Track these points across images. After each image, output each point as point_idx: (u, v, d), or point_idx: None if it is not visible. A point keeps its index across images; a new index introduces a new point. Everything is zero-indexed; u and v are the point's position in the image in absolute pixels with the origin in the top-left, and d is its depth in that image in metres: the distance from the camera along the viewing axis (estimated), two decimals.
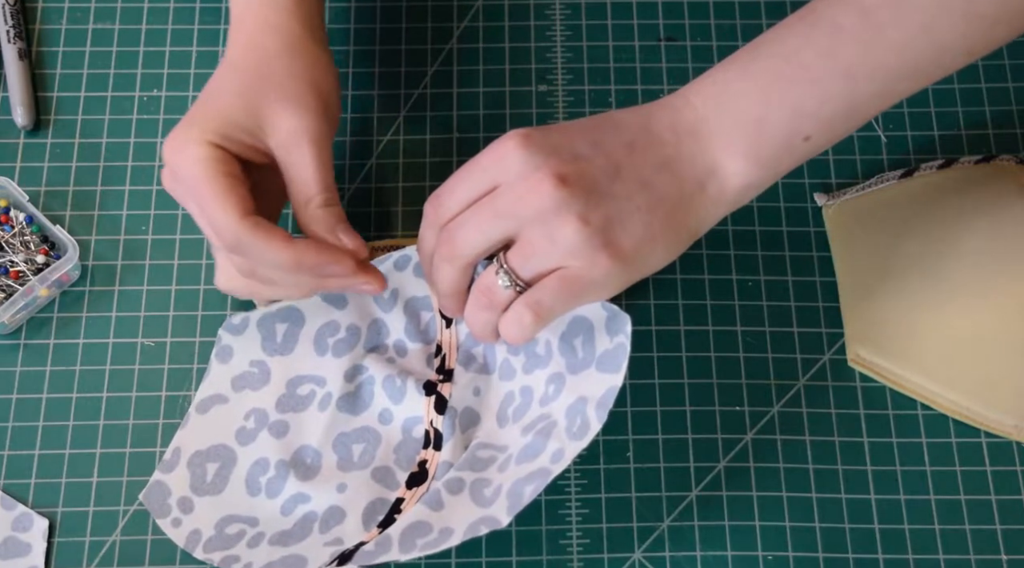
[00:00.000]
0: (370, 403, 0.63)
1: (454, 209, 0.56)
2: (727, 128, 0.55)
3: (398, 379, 0.62)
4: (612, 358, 0.57)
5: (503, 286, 0.55)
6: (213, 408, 0.64)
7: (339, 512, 0.60)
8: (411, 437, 0.62)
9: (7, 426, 0.64)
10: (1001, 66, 0.73)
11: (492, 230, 0.54)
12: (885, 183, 0.69)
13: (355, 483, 0.61)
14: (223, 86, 0.58)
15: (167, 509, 0.61)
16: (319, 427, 0.62)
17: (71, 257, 0.64)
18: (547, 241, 0.53)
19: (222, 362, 0.65)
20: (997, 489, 0.63)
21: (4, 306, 0.63)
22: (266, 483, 0.62)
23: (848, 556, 0.61)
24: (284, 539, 0.59)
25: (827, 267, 0.68)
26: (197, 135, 0.56)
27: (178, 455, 0.63)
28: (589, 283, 0.54)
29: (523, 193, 0.53)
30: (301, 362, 0.64)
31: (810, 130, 0.55)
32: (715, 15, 0.74)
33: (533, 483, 0.55)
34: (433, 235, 0.57)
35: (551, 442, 0.56)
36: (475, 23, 0.74)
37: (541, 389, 0.59)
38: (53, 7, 0.74)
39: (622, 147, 0.55)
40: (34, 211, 0.66)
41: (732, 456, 0.64)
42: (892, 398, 0.65)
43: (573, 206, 0.53)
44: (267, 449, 0.62)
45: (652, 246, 0.54)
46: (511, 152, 0.54)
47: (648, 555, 0.61)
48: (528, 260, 0.54)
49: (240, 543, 0.60)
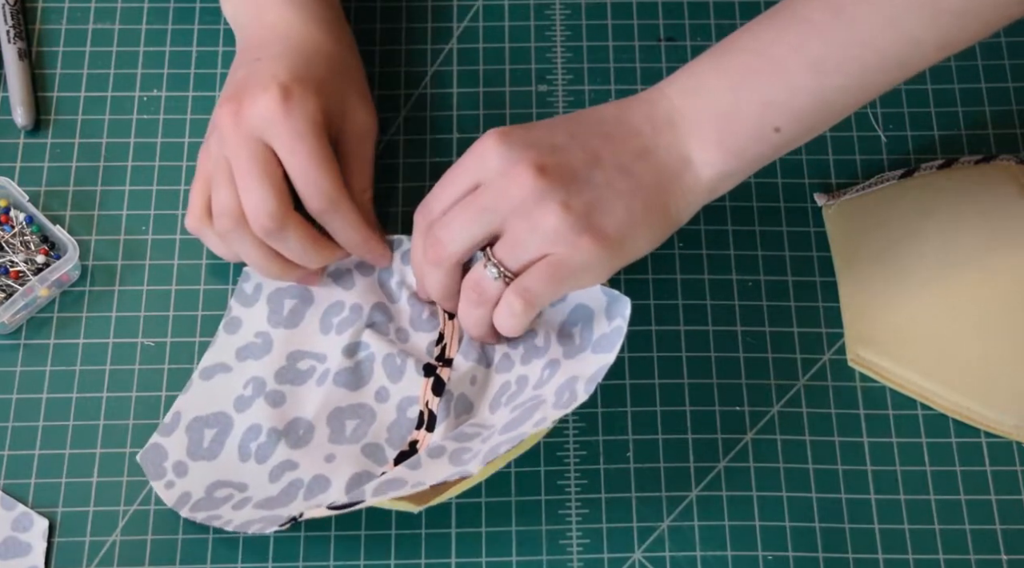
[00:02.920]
0: (368, 380, 0.63)
1: (439, 212, 0.58)
2: (699, 119, 0.56)
3: (398, 358, 0.63)
4: (607, 340, 0.58)
5: (492, 277, 0.56)
6: (216, 376, 0.64)
7: (324, 481, 0.60)
8: (405, 416, 0.62)
9: (7, 426, 0.64)
10: (1001, 66, 0.73)
11: (475, 226, 0.56)
12: (885, 183, 0.69)
13: (343, 455, 0.61)
14: (318, 66, 0.61)
15: (162, 472, 0.62)
16: (315, 401, 0.63)
17: (71, 257, 0.64)
18: (531, 230, 0.55)
19: (230, 333, 0.65)
20: (997, 489, 0.63)
21: (4, 306, 0.63)
22: (256, 449, 0.62)
23: (848, 556, 0.61)
24: (269, 504, 0.60)
25: (827, 267, 0.68)
26: (315, 95, 0.59)
27: (178, 419, 0.63)
28: (575, 267, 0.55)
29: (504, 187, 0.55)
30: (304, 338, 0.65)
31: (780, 122, 0.56)
32: (715, 15, 0.74)
33: (510, 443, 0.56)
34: (420, 241, 0.59)
35: (536, 413, 0.57)
36: (475, 23, 0.74)
37: (537, 375, 0.60)
38: (53, 7, 0.74)
39: (600, 138, 0.56)
40: (34, 211, 0.66)
41: (732, 456, 0.64)
42: (892, 398, 0.65)
43: (554, 194, 0.54)
44: (261, 416, 0.62)
45: (634, 230, 0.56)
46: (490, 149, 0.56)
47: (648, 555, 0.61)
48: (514, 250, 0.55)
49: (226, 505, 0.60)
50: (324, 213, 0.60)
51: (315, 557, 0.61)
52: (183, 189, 0.69)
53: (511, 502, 0.62)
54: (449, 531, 0.62)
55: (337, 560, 0.61)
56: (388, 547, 0.61)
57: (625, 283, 0.67)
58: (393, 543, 0.62)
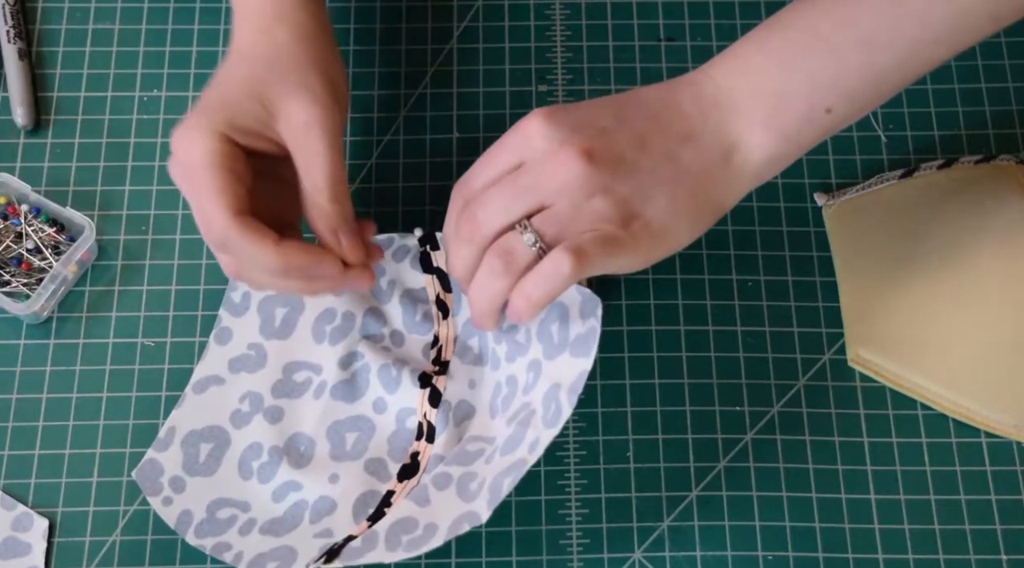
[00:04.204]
0: (365, 391, 0.63)
1: (479, 189, 0.55)
2: (748, 101, 0.55)
3: (394, 369, 0.62)
4: (584, 342, 0.57)
5: (528, 244, 0.53)
6: (210, 389, 0.64)
7: (330, 503, 0.60)
8: (404, 427, 0.62)
9: (7, 426, 0.64)
10: (1001, 66, 0.73)
11: (515, 205, 0.54)
12: (885, 183, 0.69)
13: (347, 474, 0.61)
14: (232, 75, 0.57)
15: (159, 487, 0.61)
16: (313, 415, 0.63)
17: (88, 236, 0.65)
18: (574, 210, 0.53)
19: (220, 344, 0.65)
20: (997, 489, 0.63)
21: (34, 296, 0.63)
22: (258, 468, 0.62)
23: (848, 556, 0.61)
24: (274, 527, 0.60)
25: (827, 267, 0.68)
26: (206, 124, 0.54)
27: (172, 434, 0.63)
28: (622, 246, 0.53)
29: (549, 168, 0.53)
30: (298, 348, 0.64)
31: (831, 102, 0.54)
32: (715, 15, 0.74)
33: (511, 475, 0.55)
34: (457, 218, 0.56)
35: (529, 431, 0.57)
36: (475, 23, 0.74)
37: (523, 377, 0.60)
38: (53, 7, 0.74)
39: (646, 120, 0.55)
40: (40, 199, 0.66)
41: (732, 456, 0.64)
42: (892, 398, 0.65)
43: (599, 180, 0.53)
44: (261, 434, 0.62)
45: (677, 219, 0.54)
46: (535, 129, 0.54)
47: (648, 555, 0.61)
48: (554, 224, 0.53)
49: (231, 529, 0.60)
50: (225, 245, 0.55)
51: None
52: None
53: (511, 502, 0.62)
54: None
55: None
56: None
57: (625, 283, 0.67)
58: None
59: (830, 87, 0.54)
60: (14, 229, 0.66)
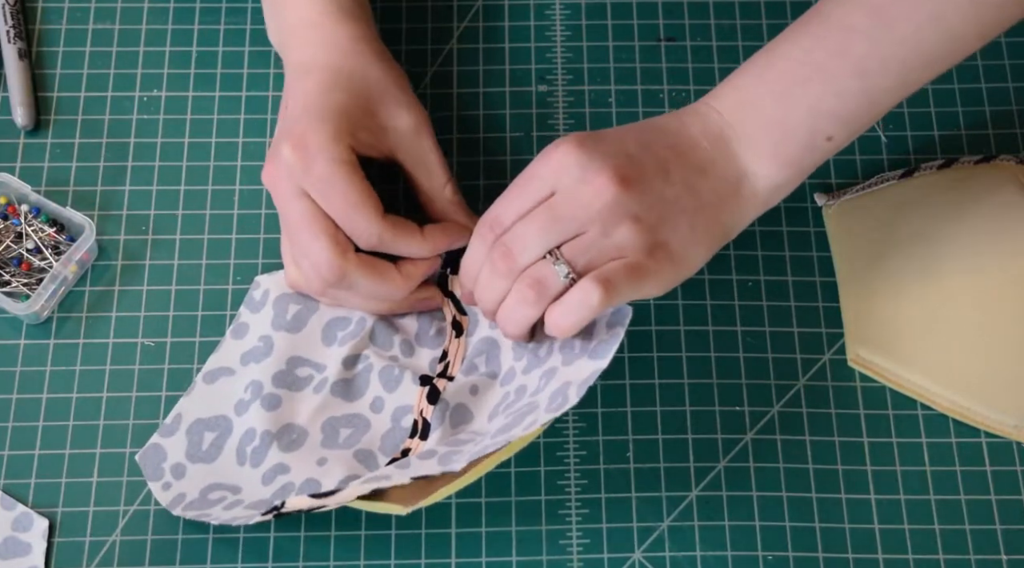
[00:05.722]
0: (365, 391, 0.63)
1: (511, 222, 0.56)
2: (751, 133, 0.57)
3: (396, 369, 0.63)
4: (604, 346, 0.57)
5: (560, 275, 0.55)
6: (220, 379, 0.64)
7: (315, 484, 0.60)
8: (399, 426, 0.62)
9: (7, 426, 0.64)
10: (1001, 66, 0.73)
11: (551, 235, 0.55)
12: (885, 183, 0.69)
13: (335, 460, 0.61)
14: (334, 86, 0.59)
15: (160, 473, 0.62)
16: (310, 408, 0.63)
17: (88, 235, 0.65)
18: (603, 237, 0.54)
19: (236, 338, 0.65)
20: (997, 489, 0.63)
21: (34, 296, 0.63)
22: (251, 452, 0.62)
23: (848, 556, 0.61)
24: (259, 506, 0.60)
25: (827, 267, 0.68)
26: (334, 134, 0.57)
27: (179, 421, 0.63)
28: (648, 275, 0.55)
29: (586, 197, 0.54)
30: (306, 345, 0.64)
31: (831, 130, 0.56)
32: (715, 15, 0.74)
33: (497, 445, 0.55)
34: (483, 253, 0.57)
35: (527, 417, 0.57)
36: (475, 23, 0.74)
37: (534, 384, 0.60)
38: (53, 7, 0.74)
39: (668, 149, 0.57)
40: (40, 199, 0.66)
41: (732, 456, 0.64)
42: (892, 398, 0.65)
43: (630, 207, 0.54)
44: (256, 420, 0.62)
45: (695, 248, 0.56)
46: (568, 158, 0.55)
47: (648, 555, 0.61)
48: (585, 253, 0.55)
49: (217, 506, 0.60)
50: (379, 249, 0.59)
51: (315, 557, 0.61)
52: (183, 189, 0.69)
53: (511, 502, 0.62)
54: (449, 531, 0.62)
55: (337, 560, 0.61)
56: (388, 547, 0.61)
57: None
58: (393, 543, 0.62)
59: (830, 116, 0.56)
60: (14, 229, 0.66)
